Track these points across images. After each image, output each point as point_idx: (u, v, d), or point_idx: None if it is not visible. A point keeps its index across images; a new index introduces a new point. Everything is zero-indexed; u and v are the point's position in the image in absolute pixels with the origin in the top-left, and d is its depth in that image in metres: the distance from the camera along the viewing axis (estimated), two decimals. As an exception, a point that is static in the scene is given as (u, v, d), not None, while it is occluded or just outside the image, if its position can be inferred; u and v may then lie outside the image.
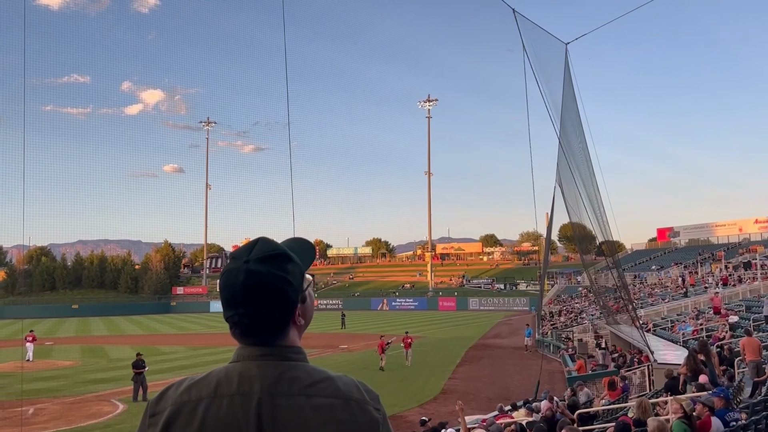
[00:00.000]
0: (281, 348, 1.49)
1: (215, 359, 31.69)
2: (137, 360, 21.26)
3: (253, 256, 1.47)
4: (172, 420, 1.39)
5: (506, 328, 49.91)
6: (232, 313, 1.47)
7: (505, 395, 20.25)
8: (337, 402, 1.41)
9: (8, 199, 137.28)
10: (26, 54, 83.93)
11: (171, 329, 56.32)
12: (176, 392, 1.44)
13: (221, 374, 1.46)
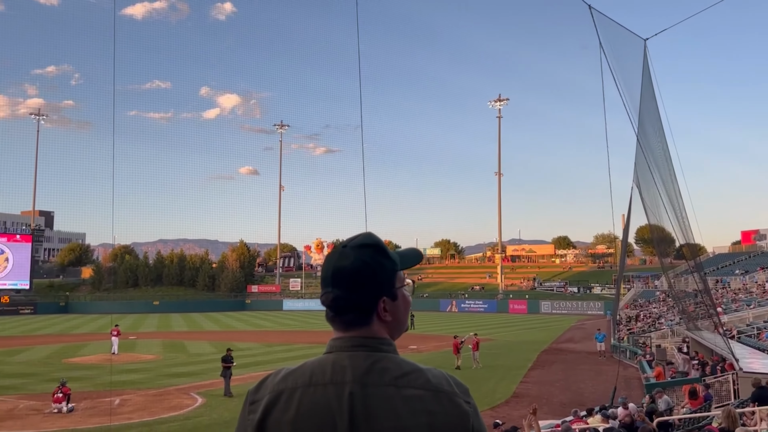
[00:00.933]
0: (372, 339, 1.56)
1: (289, 356, 32.43)
2: (227, 355, 21.73)
3: (351, 243, 1.60)
4: (270, 407, 1.48)
5: (580, 333, 48.69)
6: (325, 291, 1.58)
7: (579, 401, 19.79)
8: (427, 393, 1.46)
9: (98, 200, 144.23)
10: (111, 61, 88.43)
11: (246, 326, 57.95)
12: (274, 381, 1.54)
13: (315, 364, 1.54)
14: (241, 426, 1.54)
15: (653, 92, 20.37)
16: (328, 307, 1.59)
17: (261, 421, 1.48)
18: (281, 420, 1.46)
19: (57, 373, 25.12)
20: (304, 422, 1.44)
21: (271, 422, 1.47)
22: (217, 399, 20.42)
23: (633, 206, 24.79)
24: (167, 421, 17.44)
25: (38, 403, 19.77)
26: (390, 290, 1.59)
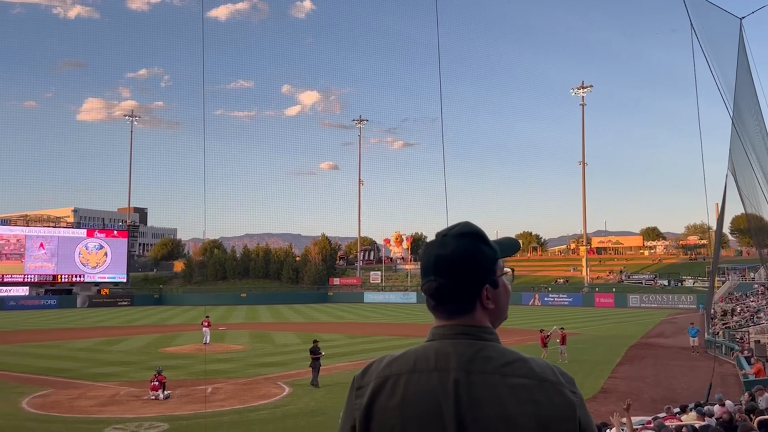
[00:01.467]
0: (474, 328, 1.58)
1: (371, 347, 32.84)
2: (314, 346, 22.08)
3: (452, 232, 1.61)
4: (376, 392, 1.53)
5: (670, 327, 46.71)
6: (426, 280, 1.60)
7: (671, 397, 19.03)
8: (532, 383, 1.46)
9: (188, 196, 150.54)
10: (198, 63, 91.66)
11: (329, 318, 59.11)
12: (378, 367, 1.59)
13: (419, 351, 1.57)
14: (348, 411, 1.59)
15: (750, 74, 19.22)
16: (430, 295, 1.61)
17: (368, 406, 1.52)
18: (387, 405, 1.49)
19: (153, 361, 26.51)
20: (409, 408, 1.47)
21: (378, 407, 1.51)
22: (304, 388, 20.97)
23: (728, 194, 23.52)
24: (257, 409, 18.07)
25: (137, 390, 20.94)
26: (492, 278, 1.61)
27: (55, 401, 19.32)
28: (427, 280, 1.59)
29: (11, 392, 20.73)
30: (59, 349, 32.95)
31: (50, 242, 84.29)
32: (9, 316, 64.17)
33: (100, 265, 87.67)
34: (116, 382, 22.80)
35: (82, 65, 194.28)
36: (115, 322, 54.72)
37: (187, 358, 28.80)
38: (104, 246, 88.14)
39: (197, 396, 19.91)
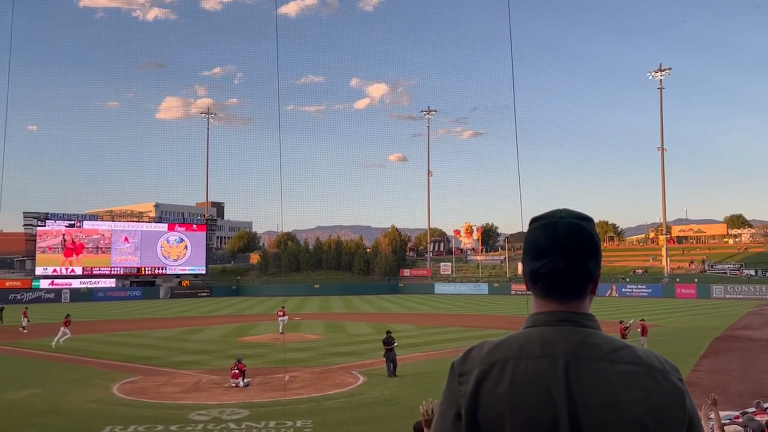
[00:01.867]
0: (579, 314, 1.56)
1: (444, 338, 32.81)
2: (387, 337, 22.15)
3: (567, 215, 1.59)
4: (482, 378, 1.51)
5: (759, 319, 44.43)
6: (545, 261, 1.55)
7: (760, 392, 18.11)
8: (641, 370, 1.45)
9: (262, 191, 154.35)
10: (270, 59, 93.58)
11: (400, 309, 59.44)
12: (480, 353, 1.57)
13: (521, 338, 1.56)
14: (450, 397, 1.57)
15: None
16: (544, 278, 1.57)
17: (474, 392, 1.51)
18: (494, 391, 1.48)
19: (233, 350, 27.42)
20: (518, 393, 1.46)
21: (484, 393, 1.49)
22: (378, 378, 21.20)
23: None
24: (333, 398, 18.42)
25: (218, 377, 21.72)
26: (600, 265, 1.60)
27: (142, 387, 20.31)
28: (547, 261, 1.55)
29: (102, 378, 21.94)
30: (145, 338, 34.59)
31: (134, 236, 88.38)
32: (98, 306, 67.86)
33: (181, 257, 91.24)
34: (198, 369, 23.73)
35: (161, 65, 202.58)
36: (196, 313, 56.91)
37: (264, 347, 29.62)
38: (184, 239, 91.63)
39: (275, 384, 20.48)
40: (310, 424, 15.12)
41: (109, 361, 26.14)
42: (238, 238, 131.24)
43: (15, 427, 14.98)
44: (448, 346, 30.09)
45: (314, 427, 14.95)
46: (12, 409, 17.05)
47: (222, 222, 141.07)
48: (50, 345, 29.99)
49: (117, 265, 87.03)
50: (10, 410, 16.84)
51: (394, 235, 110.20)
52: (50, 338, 30.97)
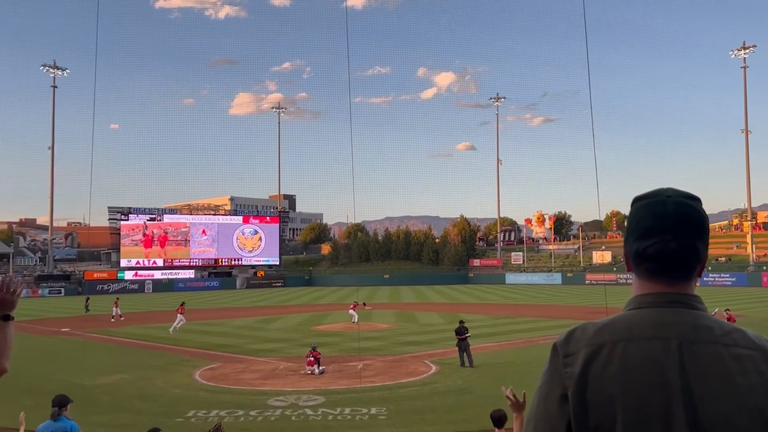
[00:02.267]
0: (688, 296, 1.52)
1: (516, 328, 32.47)
2: (460, 327, 22.05)
3: (673, 194, 1.54)
4: (590, 360, 1.46)
5: None
6: (653, 241, 1.51)
7: None
8: (755, 354, 1.42)
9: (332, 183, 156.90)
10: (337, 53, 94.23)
11: (470, 298, 59.11)
12: (586, 335, 1.51)
13: (629, 319, 1.51)
14: (555, 379, 1.52)
15: None
16: (650, 259, 1.53)
17: (581, 374, 1.46)
18: (603, 373, 1.44)
19: (307, 339, 28.03)
20: (630, 376, 1.42)
21: (593, 375, 1.45)
22: (451, 367, 21.21)
23: None
24: (406, 386, 18.57)
25: (294, 365, 22.27)
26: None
27: (222, 374, 21.08)
28: (655, 241, 1.51)
29: (185, 365, 22.90)
30: (223, 327, 35.83)
31: (211, 229, 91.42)
32: (179, 296, 70.54)
33: (256, 249, 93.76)
34: (275, 357, 24.41)
35: (233, 62, 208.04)
36: (271, 302, 58.45)
37: (337, 336, 30.12)
38: (259, 231, 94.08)
39: (349, 371, 20.83)
40: (384, 412, 15.32)
41: (190, 348, 27.24)
42: (310, 230, 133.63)
43: (107, 410, 15.85)
44: (522, 336, 29.75)
45: (389, 414, 15.13)
46: (104, 393, 18.04)
47: (294, 214, 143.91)
48: (137, 333, 31.54)
49: (196, 257, 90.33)
50: (102, 394, 17.82)
51: (463, 224, 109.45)
52: (138, 326, 32.59)
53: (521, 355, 23.82)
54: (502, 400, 4.84)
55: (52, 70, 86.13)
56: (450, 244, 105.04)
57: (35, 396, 16.76)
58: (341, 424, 14.40)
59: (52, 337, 30.11)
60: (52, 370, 21.14)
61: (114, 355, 25.88)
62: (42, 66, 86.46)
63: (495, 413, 6.84)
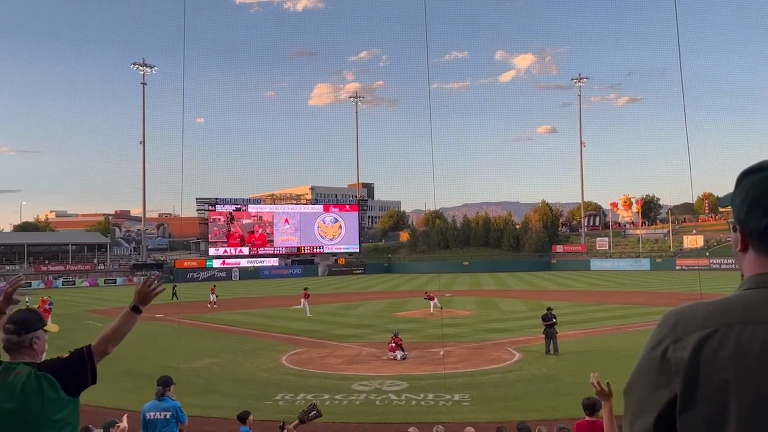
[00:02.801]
0: None
1: (603, 316, 31.56)
2: (547, 313, 21.60)
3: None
4: (702, 344, 1.36)
5: None
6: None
7: None
8: None
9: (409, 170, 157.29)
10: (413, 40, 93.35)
11: (554, 285, 57.85)
12: (695, 318, 1.41)
13: (745, 300, 1.41)
14: (660, 365, 1.42)
15: None
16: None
17: (692, 359, 1.37)
18: (716, 358, 1.35)
19: (388, 325, 28.31)
20: (746, 360, 1.32)
21: (705, 360, 1.36)
22: (534, 355, 20.87)
23: None
24: (489, 373, 18.43)
25: (376, 350, 22.53)
26: None
27: (308, 358, 21.60)
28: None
29: (273, 350, 23.62)
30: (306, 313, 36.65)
31: (293, 218, 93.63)
32: (264, 283, 72.98)
33: (336, 237, 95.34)
34: (358, 342, 24.77)
35: (312, 53, 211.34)
36: (352, 289, 59.35)
37: (418, 322, 30.22)
38: (339, 220, 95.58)
39: (431, 358, 20.87)
40: (468, 398, 15.26)
41: (276, 333, 28.07)
42: (388, 218, 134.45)
43: (201, 392, 16.57)
44: (609, 323, 28.89)
45: (472, 401, 15.05)
46: (197, 376, 18.87)
47: (372, 202, 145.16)
48: (226, 319, 32.82)
49: (279, 245, 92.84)
50: (195, 377, 18.64)
51: (545, 210, 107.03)
52: (226, 313, 33.81)
53: (609, 343, 23.14)
54: (590, 389, 4.70)
55: (141, 68, 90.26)
56: (531, 230, 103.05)
57: (134, 378, 17.75)
58: (425, 410, 14.45)
59: (148, 323, 31.67)
60: (149, 354, 22.28)
61: (205, 339, 27.00)
62: (132, 64, 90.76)
63: (587, 401, 6.65)
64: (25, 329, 3.14)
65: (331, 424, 13.41)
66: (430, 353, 21.65)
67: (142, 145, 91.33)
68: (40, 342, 3.17)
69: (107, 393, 14.21)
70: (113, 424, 8.84)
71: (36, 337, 3.16)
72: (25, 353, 3.12)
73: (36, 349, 3.16)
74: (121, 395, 15.18)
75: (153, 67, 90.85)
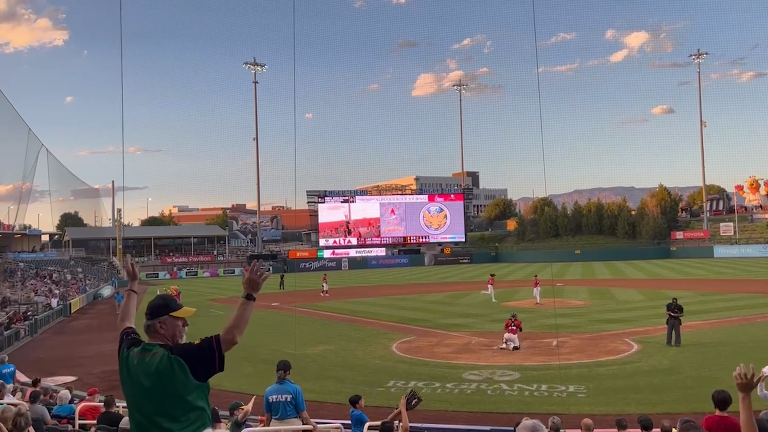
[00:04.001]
0: None
1: (729, 305, 29.64)
2: (672, 303, 20.61)
3: None
4: None
5: None
6: None
7: None
8: None
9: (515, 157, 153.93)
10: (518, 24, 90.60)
11: (674, 274, 54.75)
12: None
13: None
14: None
15: None
16: None
17: None
18: None
19: (498, 314, 27.97)
20: None
21: None
22: (654, 346, 19.90)
23: None
24: (605, 364, 17.78)
25: (486, 340, 22.35)
26: None
27: (417, 347, 21.78)
28: None
29: (383, 338, 24.02)
30: (415, 302, 36.94)
31: (399, 208, 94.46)
32: (372, 273, 74.25)
33: (442, 226, 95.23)
34: (467, 332, 24.66)
35: (414, 44, 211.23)
36: (459, 278, 59.12)
37: (528, 312, 29.58)
38: (444, 209, 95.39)
39: (543, 348, 20.44)
40: (583, 390, 14.82)
41: (386, 322, 28.51)
42: (494, 206, 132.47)
43: (316, 377, 17.15)
44: (735, 313, 27.06)
45: (588, 393, 14.61)
46: (312, 362, 19.55)
47: (477, 190, 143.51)
48: (337, 307, 33.76)
49: (386, 235, 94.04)
50: (310, 363, 19.32)
51: (663, 194, 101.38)
52: (337, 301, 34.72)
53: (735, 335, 21.72)
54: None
55: (252, 67, 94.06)
56: (648, 215, 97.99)
57: (254, 363, 18.65)
58: (538, 400, 14.19)
59: (265, 311, 33.17)
60: (267, 341, 23.35)
61: (318, 327, 27.89)
62: (244, 64, 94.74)
63: (718, 394, 6.26)
64: (153, 314, 3.40)
65: (443, 412, 13.49)
66: (542, 343, 21.20)
67: (255, 141, 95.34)
68: (166, 327, 3.39)
69: (229, 377, 15.03)
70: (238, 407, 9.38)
71: (161, 322, 3.38)
72: (155, 336, 3.38)
73: (163, 333, 3.37)
74: (241, 380, 16.00)
75: (263, 66, 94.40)
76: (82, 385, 15.89)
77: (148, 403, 3.18)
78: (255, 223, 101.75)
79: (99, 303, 49.71)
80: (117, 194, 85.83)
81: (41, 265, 63.14)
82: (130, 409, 3.31)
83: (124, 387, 3.35)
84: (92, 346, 25.79)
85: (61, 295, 43.78)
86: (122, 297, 20.06)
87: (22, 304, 36.98)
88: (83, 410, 10.45)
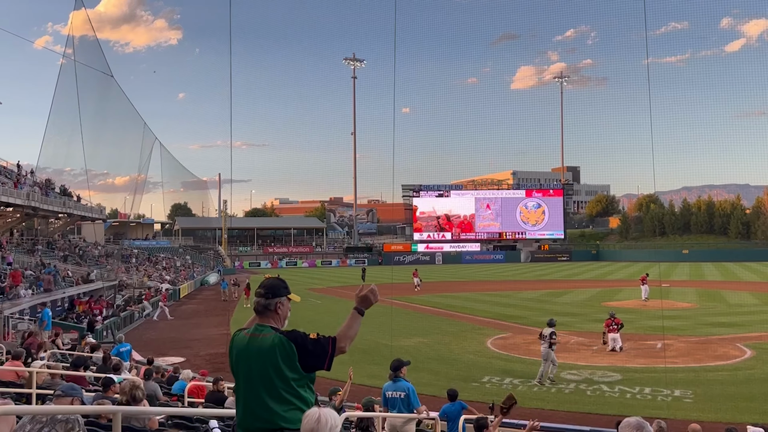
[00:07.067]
0: None
1: None
2: None
3: None
4: None
5: None
6: None
7: None
8: None
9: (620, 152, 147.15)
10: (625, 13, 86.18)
11: (794, 278, 50.86)
12: None
13: None
14: None
15: None
16: None
17: None
18: None
19: (597, 314, 27.05)
20: None
21: None
22: (770, 354, 18.66)
23: None
24: (714, 370, 16.86)
25: (586, 339, 21.72)
26: None
27: (513, 344, 21.50)
28: None
29: (478, 333, 23.88)
30: (510, 299, 36.40)
31: (494, 203, 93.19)
32: (467, 268, 73.79)
33: (539, 222, 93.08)
34: (565, 331, 23.98)
35: (515, 37, 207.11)
36: (556, 276, 57.63)
37: (630, 313, 28.45)
38: (542, 205, 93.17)
39: (647, 350, 19.64)
40: (690, 395, 14.14)
41: (481, 317, 28.30)
42: (596, 202, 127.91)
43: (411, 370, 17.18)
44: None
45: (695, 398, 13.92)
46: (405, 354, 19.66)
47: (578, 186, 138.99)
48: (432, 301, 33.80)
49: (481, 231, 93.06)
50: (404, 354, 19.42)
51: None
52: (432, 295, 34.77)
53: None
54: None
55: (352, 63, 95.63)
56: (765, 215, 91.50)
57: (350, 353, 18.98)
58: (641, 404, 13.67)
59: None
60: (362, 330, 23.38)
61: (413, 319, 28.11)
62: (344, 59, 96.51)
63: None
64: (272, 294, 3.52)
65: (539, 410, 13.25)
66: (646, 345, 20.37)
67: (353, 136, 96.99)
68: (283, 308, 3.53)
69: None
70: (336, 392, 9.72)
71: (280, 302, 3.52)
72: (270, 316, 3.49)
73: (279, 314, 3.51)
74: (338, 368, 16.32)
75: (362, 61, 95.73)
76: (190, 366, 16.82)
77: (255, 382, 3.30)
78: (351, 216, 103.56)
79: (206, 289, 52.40)
80: (223, 186, 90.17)
81: (153, 252, 67.29)
82: (237, 388, 3.44)
83: (232, 367, 3.49)
84: (199, 330, 27.28)
85: (171, 281, 46.47)
86: (227, 284, 21.57)
87: (135, 288, 39.53)
88: (191, 389, 11.10)
